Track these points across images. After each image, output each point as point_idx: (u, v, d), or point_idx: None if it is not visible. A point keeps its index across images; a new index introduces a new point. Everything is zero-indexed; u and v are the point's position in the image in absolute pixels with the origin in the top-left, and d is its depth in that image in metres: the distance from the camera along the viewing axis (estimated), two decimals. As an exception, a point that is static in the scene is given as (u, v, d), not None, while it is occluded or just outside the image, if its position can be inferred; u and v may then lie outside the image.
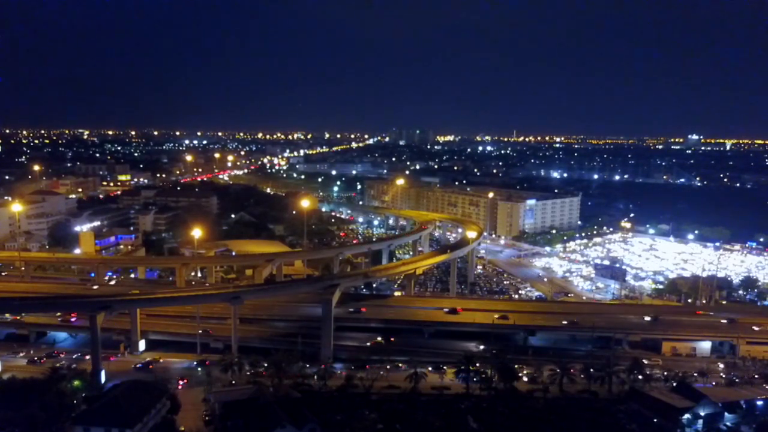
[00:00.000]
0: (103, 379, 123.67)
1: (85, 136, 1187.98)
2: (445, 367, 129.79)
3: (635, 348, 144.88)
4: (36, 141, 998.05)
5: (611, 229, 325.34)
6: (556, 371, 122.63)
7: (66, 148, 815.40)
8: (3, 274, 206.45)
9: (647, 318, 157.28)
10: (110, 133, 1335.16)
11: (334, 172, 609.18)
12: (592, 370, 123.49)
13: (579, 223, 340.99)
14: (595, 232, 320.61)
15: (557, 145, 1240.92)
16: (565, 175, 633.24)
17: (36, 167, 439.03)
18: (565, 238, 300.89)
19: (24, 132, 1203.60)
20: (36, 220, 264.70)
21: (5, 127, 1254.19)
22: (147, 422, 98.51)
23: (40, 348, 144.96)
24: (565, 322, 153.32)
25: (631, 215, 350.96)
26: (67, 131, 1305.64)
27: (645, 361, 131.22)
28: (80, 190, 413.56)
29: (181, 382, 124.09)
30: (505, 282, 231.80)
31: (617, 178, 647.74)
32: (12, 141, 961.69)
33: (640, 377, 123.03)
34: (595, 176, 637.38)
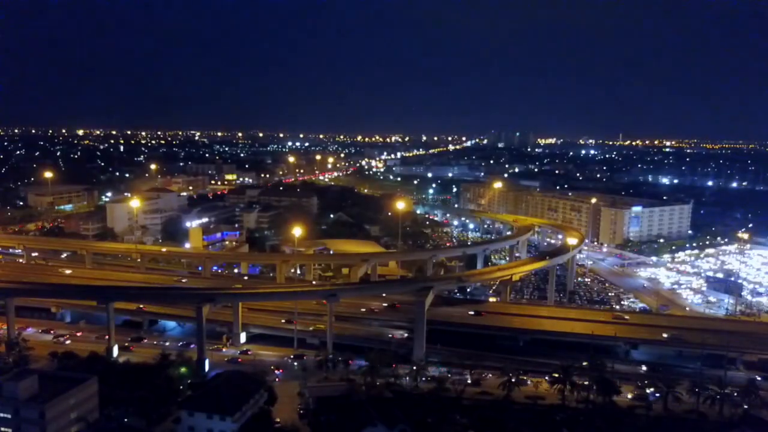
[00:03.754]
0: (207, 367, 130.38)
1: (197, 138, 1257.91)
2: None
3: (751, 368, 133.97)
4: (153, 142, 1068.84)
5: (726, 240, 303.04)
6: (660, 388, 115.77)
7: (179, 149, 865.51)
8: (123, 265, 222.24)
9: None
10: (219, 134, 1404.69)
11: (429, 175, 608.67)
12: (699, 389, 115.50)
13: (690, 232, 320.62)
14: (707, 242, 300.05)
15: (667, 150, 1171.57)
16: (676, 181, 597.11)
17: (152, 166, 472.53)
18: (673, 247, 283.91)
19: (143, 133, 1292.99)
20: (151, 216, 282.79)
21: (128, 128, 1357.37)
22: (245, 411, 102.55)
23: (152, 335, 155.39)
24: (665, 335, 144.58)
25: (750, 225, 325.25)
26: (180, 133, 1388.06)
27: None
28: (191, 188, 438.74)
29: (277, 372, 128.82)
30: (610, 293, 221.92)
31: (734, 185, 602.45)
32: (132, 141, 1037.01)
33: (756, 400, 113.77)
34: (709, 183, 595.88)
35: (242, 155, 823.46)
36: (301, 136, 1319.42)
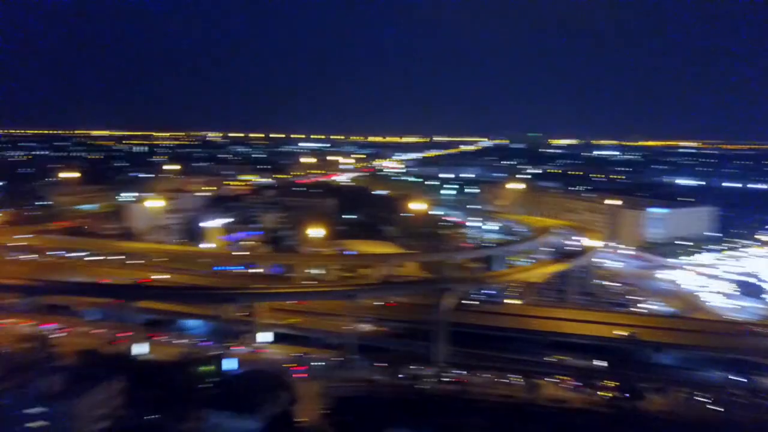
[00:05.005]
0: (228, 366, 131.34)
1: (214, 138, 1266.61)
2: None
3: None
4: (172, 142, 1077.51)
5: (750, 242, 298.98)
6: (684, 393, 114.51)
7: (197, 149, 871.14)
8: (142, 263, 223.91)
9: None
10: (236, 135, 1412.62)
11: (447, 175, 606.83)
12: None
13: (712, 234, 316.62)
14: (730, 244, 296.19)
15: (689, 151, 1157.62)
16: (697, 182, 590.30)
17: (171, 166, 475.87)
18: (695, 250, 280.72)
19: (162, 134, 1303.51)
20: (170, 215, 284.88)
21: (148, 129, 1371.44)
22: (267, 411, 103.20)
23: (174, 334, 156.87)
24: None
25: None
26: (198, 133, 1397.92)
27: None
28: (209, 188, 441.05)
29: (298, 369, 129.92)
30: (630, 296, 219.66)
31: (759, 186, 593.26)
32: (151, 142, 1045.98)
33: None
34: (732, 184, 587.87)
35: (260, 156, 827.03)
36: (318, 136, 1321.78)
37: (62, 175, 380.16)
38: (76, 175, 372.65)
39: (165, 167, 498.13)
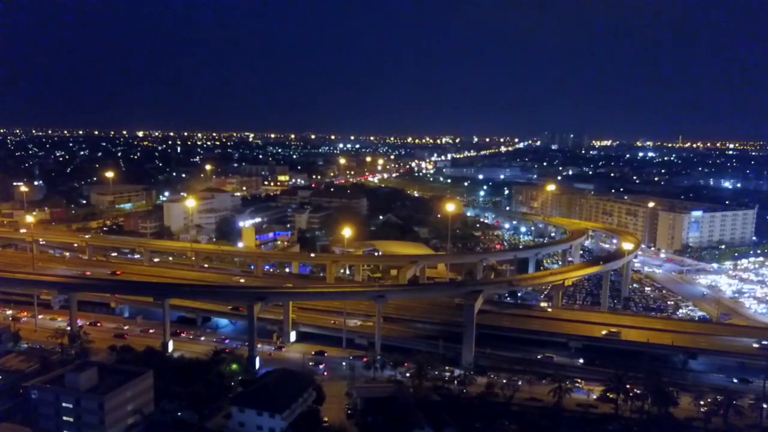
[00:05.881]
0: (257, 365, 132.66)
1: (251, 139, 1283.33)
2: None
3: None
4: (209, 143, 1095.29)
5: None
6: (720, 401, 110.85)
7: (233, 150, 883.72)
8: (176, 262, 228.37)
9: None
10: (272, 136, 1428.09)
11: (480, 177, 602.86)
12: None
13: (754, 238, 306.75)
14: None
15: (730, 152, 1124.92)
16: (739, 185, 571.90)
17: (207, 167, 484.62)
18: (736, 254, 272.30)
19: (199, 135, 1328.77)
20: (206, 215, 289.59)
21: (185, 130, 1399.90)
22: (294, 410, 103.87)
23: (205, 331, 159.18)
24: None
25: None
26: (235, 134, 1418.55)
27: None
28: (244, 188, 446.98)
29: (321, 366, 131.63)
30: (668, 301, 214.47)
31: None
32: (189, 143, 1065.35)
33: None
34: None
35: (294, 156, 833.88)
36: (352, 138, 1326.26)
37: (102, 174, 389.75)
38: (117, 174, 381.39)
39: (202, 167, 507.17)
